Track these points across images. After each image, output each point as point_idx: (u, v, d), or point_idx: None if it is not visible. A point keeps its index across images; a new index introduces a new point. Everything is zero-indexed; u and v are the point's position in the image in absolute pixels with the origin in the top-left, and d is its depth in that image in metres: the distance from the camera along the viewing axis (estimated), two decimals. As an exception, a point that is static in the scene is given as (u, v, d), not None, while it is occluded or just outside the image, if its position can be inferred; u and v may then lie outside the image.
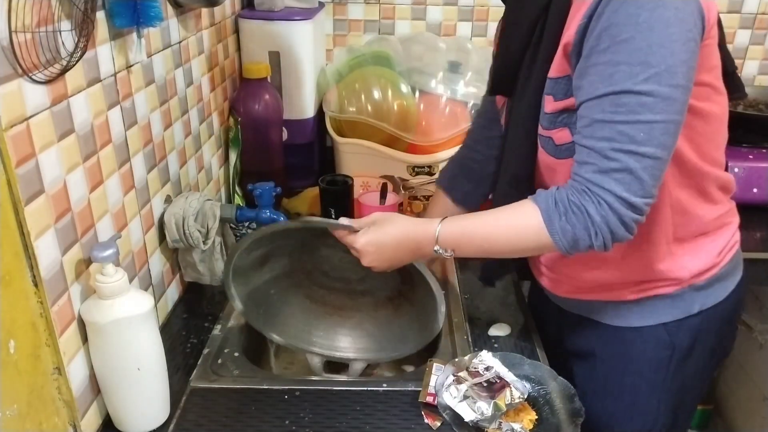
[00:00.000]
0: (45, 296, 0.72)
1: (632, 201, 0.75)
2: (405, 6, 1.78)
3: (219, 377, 0.97)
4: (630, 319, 0.95)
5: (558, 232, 0.79)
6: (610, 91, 0.73)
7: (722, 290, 0.95)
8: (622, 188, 0.75)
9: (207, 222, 1.09)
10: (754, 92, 1.73)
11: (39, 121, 0.70)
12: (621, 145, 0.74)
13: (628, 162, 0.74)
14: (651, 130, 0.73)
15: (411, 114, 1.54)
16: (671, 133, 0.74)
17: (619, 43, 0.72)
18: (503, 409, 0.85)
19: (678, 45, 0.71)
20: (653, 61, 0.71)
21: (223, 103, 1.42)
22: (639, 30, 0.71)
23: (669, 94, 0.72)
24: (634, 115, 0.72)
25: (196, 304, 1.16)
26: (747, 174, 1.45)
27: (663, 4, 0.71)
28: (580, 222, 0.78)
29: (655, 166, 0.75)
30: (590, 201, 0.77)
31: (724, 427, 1.88)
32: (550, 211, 0.80)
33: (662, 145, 0.74)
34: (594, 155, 0.76)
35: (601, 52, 0.73)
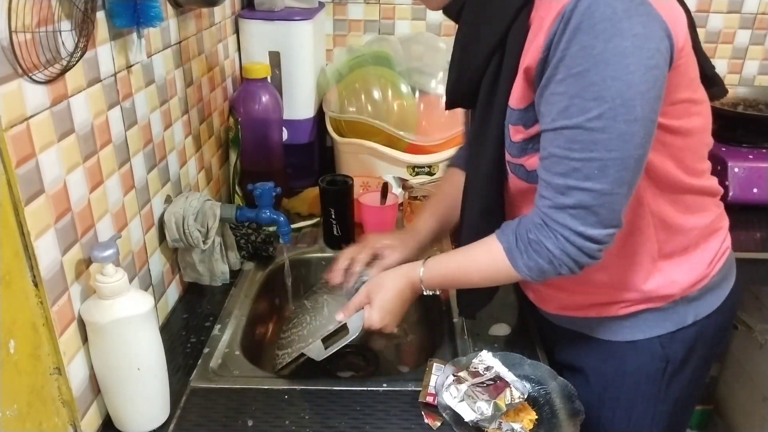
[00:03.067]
0: (45, 296, 0.72)
1: (589, 234, 0.76)
2: (405, 6, 1.77)
3: (219, 377, 0.97)
4: (622, 333, 0.94)
5: (523, 269, 0.81)
6: (563, 125, 0.72)
7: (715, 299, 0.93)
8: (577, 223, 0.75)
9: (207, 222, 1.09)
10: (754, 92, 1.73)
11: (39, 121, 0.70)
12: (575, 182, 0.73)
13: (582, 198, 0.74)
14: (605, 167, 0.71)
15: (411, 114, 1.54)
16: (629, 168, 0.73)
17: (574, 75, 0.69)
18: (503, 409, 0.85)
19: (636, 76, 0.68)
20: (607, 96, 0.68)
21: (223, 103, 1.42)
22: (594, 63, 0.68)
23: (625, 130, 0.70)
24: (588, 153, 0.71)
25: (196, 304, 1.16)
26: (747, 174, 1.45)
27: (619, 33, 0.67)
28: (541, 257, 0.79)
29: (613, 200, 0.74)
30: (548, 236, 0.78)
31: (724, 427, 1.88)
32: (512, 249, 0.82)
33: (618, 181, 0.73)
34: (550, 190, 0.76)
35: (557, 83, 0.71)
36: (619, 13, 0.67)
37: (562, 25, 0.69)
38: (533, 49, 0.74)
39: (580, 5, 0.68)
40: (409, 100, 1.54)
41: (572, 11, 0.68)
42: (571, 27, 0.68)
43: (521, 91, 0.79)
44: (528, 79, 0.77)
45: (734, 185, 1.45)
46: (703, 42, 0.85)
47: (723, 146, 1.48)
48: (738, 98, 1.70)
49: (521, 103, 0.79)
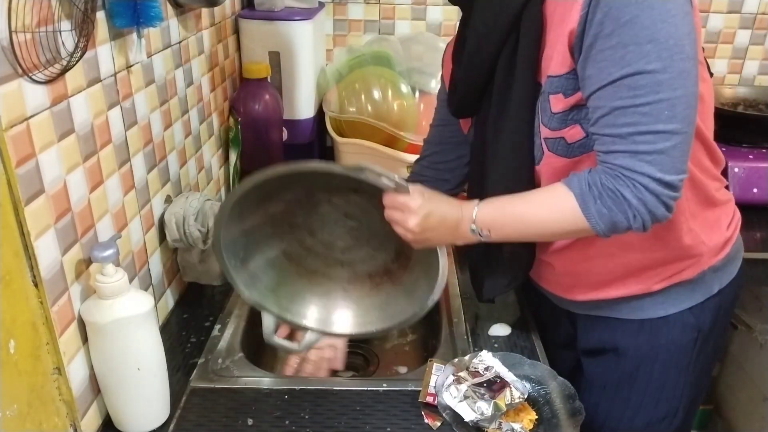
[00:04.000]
0: (45, 296, 0.72)
1: (667, 180, 0.75)
2: (405, 6, 1.78)
3: (219, 377, 0.97)
4: (654, 310, 0.95)
5: (594, 216, 0.79)
6: (624, 74, 0.73)
7: (734, 266, 0.98)
8: (655, 169, 0.75)
9: (207, 222, 1.09)
10: (754, 92, 1.73)
11: (39, 121, 0.70)
12: (647, 127, 0.73)
13: (657, 142, 0.74)
14: (673, 106, 0.72)
15: (411, 114, 1.54)
16: (692, 106, 0.74)
17: (624, 24, 0.71)
18: (503, 409, 0.85)
19: (678, 19, 0.72)
20: (661, 38, 0.71)
21: (223, 103, 1.42)
22: (641, 8, 0.71)
23: (683, 67, 0.72)
24: (654, 95, 0.72)
25: (196, 304, 1.16)
26: (747, 174, 1.45)
27: None
28: (617, 206, 0.77)
29: (684, 141, 0.75)
30: (625, 185, 0.76)
31: (724, 427, 1.88)
32: (584, 195, 0.79)
33: (686, 119, 0.74)
34: (620, 141, 0.75)
35: (606, 37, 0.72)
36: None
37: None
38: (573, 12, 0.75)
39: None
40: (409, 100, 1.54)
41: None
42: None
43: (561, 57, 0.79)
44: (570, 43, 0.77)
45: (734, 185, 1.45)
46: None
47: (723, 146, 1.48)
48: (738, 98, 1.70)
49: (562, 68, 0.79)
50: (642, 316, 0.96)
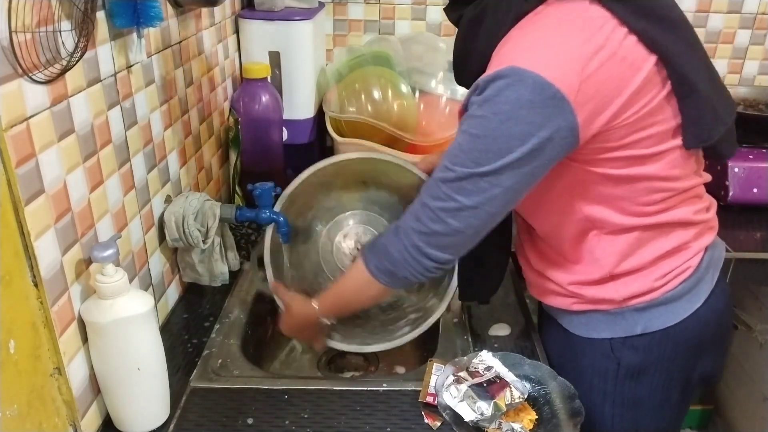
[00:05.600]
0: (45, 296, 0.72)
1: (426, 251, 0.85)
2: (405, 6, 1.78)
3: (219, 377, 0.97)
4: (579, 328, 0.97)
5: (374, 270, 0.90)
6: (447, 166, 0.81)
7: (670, 315, 0.91)
8: (420, 239, 0.85)
9: (207, 221, 1.09)
10: (754, 92, 1.73)
11: (39, 121, 0.70)
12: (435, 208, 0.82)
13: (434, 224, 0.83)
14: (460, 210, 0.81)
15: (411, 114, 1.54)
16: (480, 218, 0.82)
17: (470, 134, 0.79)
18: (503, 409, 0.85)
19: (515, 155, 0.76)
20: (484, 163, 0.77)
21: (223, 103, 1.42)
22: (485, 134, 0.77)
23: (486, 189, 0.79)
24: (453, 192, 0.80)
25: (196, 304, 1.16)
26: (747, 174, 1.45)
27: (515, 117, 0.74)
28: (387, 259, 0.88)
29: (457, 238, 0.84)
30: (394, 241, 0.87)
31: (724, 427, 1.88)
32: (366, 255, 0.92)
33: (467, 225, 0.82)
34: (418, 204, 0.85)
35: (460, 132, 0.81)
36: (523, 101, 0.74)
37: (479, 90, 0.77)
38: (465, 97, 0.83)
39: (495, 81, 0.75)
40: (409, 100, 1.54)
41: (487, 83, 0.76)
42: (484, 95, 0.77)
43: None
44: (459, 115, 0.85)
45: (734, 185, 1.45)
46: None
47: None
48: (738, 98, 1.70)
49: None
50: (572, 330, 0.98)
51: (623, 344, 0.93)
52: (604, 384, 0.95)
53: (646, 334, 0.91)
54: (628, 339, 0.92)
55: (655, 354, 0.92)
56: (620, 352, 0.93)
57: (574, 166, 0.83)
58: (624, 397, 0.95)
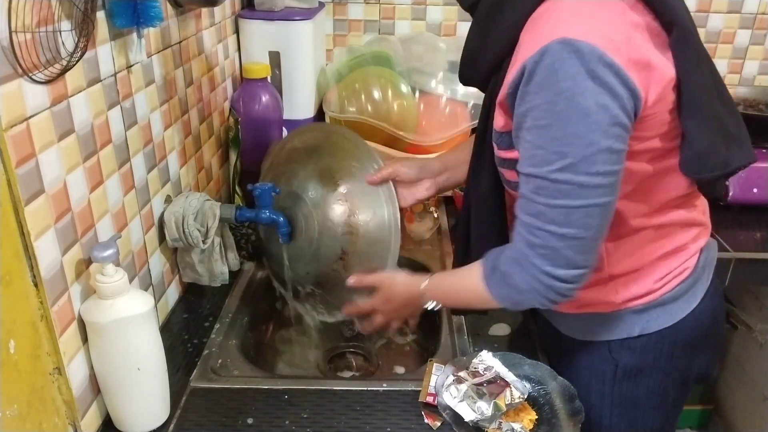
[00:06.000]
0: (45, 296, 0.72)
1: (556, 274, 0.77)
2: (405, 6, 1.78)
3: (219, 377, 0.97)
4: (575, 331, 0.97)
5: (497, 298, 0.84)
6: (530, 173, 0.75)
7: (668, 316, 0.91)
8: (545, 263, 0.77)
9: (207, 221, 1.09)
10: (754, 92, 1.73)
11: (39, 121, 0.70)
12: (542, 224, 0.76)
13: (549, 240, 0.76)
14: (569, 214, 0.74)
15: (411, 114, 1.54)
16: (594, 215, 0.74)
17: (540, 127, 0.72)
18: (503, 409, 0.85)
19: (597, 134, 0.70)
20: (569, 152, 0.71)
21: (223, 103, 1.42)
22: (557, 119, 0.70)
23: (587, 181, 0.72)
24: (552, 199, 0.74)
25: (196, 304, 1.16)
26: (747, 174, 1.45)
27: (582, 92, 0.69)
28: (512, 289, 0.82)
29: (580, 244, 0.76)
30: (518, 271, 0.80)
31: (724, 427, 1.88)
32: (488, 278, 0.85)
33: (584, 226, 0.75)
34: (522, 228, 0.79)
35: (526, 130, 0.74)
36: (583, 73, 0.68)
37: (526, 76, 0.71)
38: (505, 84, 0.77)
39: (544, 60, 0.69)
40: (409, 100, 1.54)
41: (536, 65, 0.70)
42: (536, 81, 0.70)
43: (498, 115, 0.81)
44: (503, 108, 0.79)
45: (734, 185, 1.45)
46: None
47: (723, 146, 1.48)
48: (738, 98, 1.70)
49: (498, 126, 0.82)
50: (568, 333, 0.98)
51: (621, 346, 0.93)
52: (602, 385, 0.95)
53: (644, 335, 0.91)
54: (626, 340, 0.92)
55: (653, 355, 0.92)
56: (618, 354, 0.93)
57: None
58: (622, 397, 0.95)
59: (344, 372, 1.18)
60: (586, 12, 0.71)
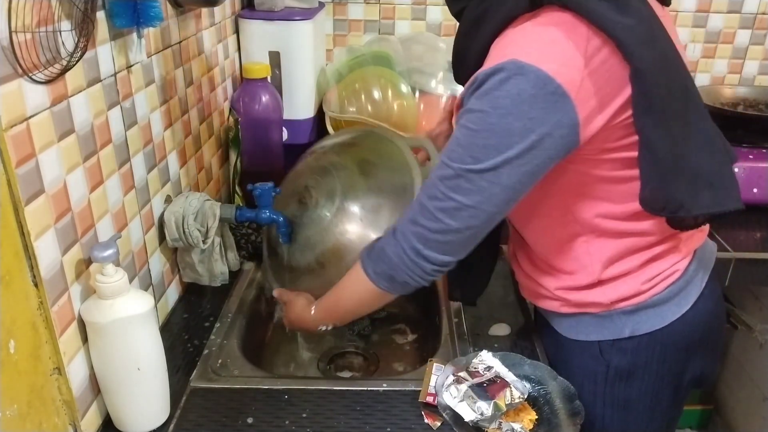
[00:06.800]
0: (45, 296, 0.72)
1: (424, 253, 0.83)
2: (405, 6, 1.78)
3: (219, 377, 0.97)
4: (569, 330, 0.97)
5: (372, 275, 0.89)
6: (446, 163, 0.80)
7: (658, 318, 0.91)
8: (417, 241, 0.83)
9: (207, 221, 1.09)
10: (754, 92, 1.73)
11: (39, 121, 0.70)
12: (433, 208, 0.81)
13: (432, 224, 0.81)
14: (459, 209, 0.79)
15: (411, 114, 1.54)
16: (479, 218, 0.80)
17: (468, 129, 0.77)
18: (503, 409, 0.85)
19: (514, 152, 0.74)
20: (483, 159, 0.76)
21: (223, 103, 1.42)
22: (483, 128, 0.75)
23: (486, 188, 0.77)
24: (451, 192, 0.79)
25: (196, 304, 1.16)
26: (747, 174, 1.45)
27: (515, 113, 0.73)
28: (384, 262, 0.87)
29: (457, 238, 0.82)
30: (391, 243, 0.86)
31: (724, 427, 1.88)
32: (364, 259, 0.90)
33: (466, 225, 0.80)
34: (416, 205, 0.84)
35: (458, 126, 0.79)
36: (524, 95, 0.72)
37: (476, 84, 0.76)
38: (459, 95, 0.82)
39: (496, 75, 0.74)
40: (409, 100, 1.54)
41: (486, 77, 0.74)
42: (483, 89, 0.75)
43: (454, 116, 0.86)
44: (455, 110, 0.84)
45: (734, 185, 1.45)
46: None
47: (723, 146, 1.48)
48: (738, 98, 1.70)
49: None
50: (562, 331, 0.98)
51: (612, 347, 0.93)
52: (594, 386, 0.95)
53: (635, 337, 0.91)
54: (617, 342, 0.92)
55: (644, 357, 0.92)
56: (609, 355, 0.93)
57: (570, 169, 0.82)
58: (614, 398, 0.95)
59: (344, 372, 1.18)
60: (547, 38, 0.75)
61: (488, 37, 0.81)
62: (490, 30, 0.81)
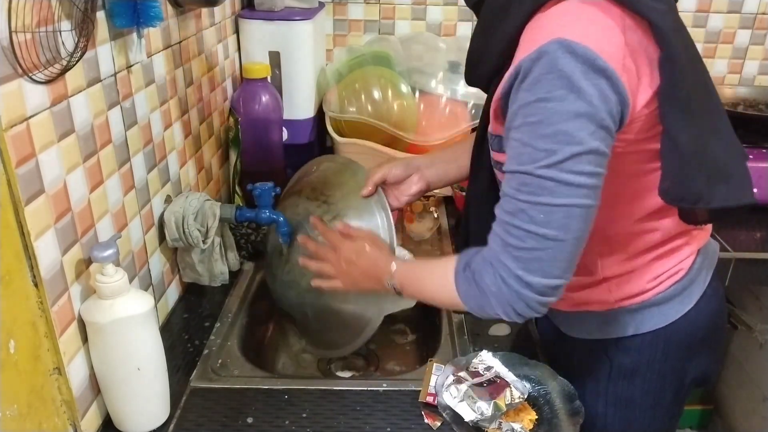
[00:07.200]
0: (45, 296, 0.72)
1: (527, 280, 0.74)
2: (405, 6, 1.78)
3: (219, 377, 0.97)
4: (572, 329, 0.97)
5: (463, 295, 0.81)
6: (516, 170, 0.73)
7: (662, 316, 0.90)
8: (518, 265, 0.74)
9: (207, 221, 1.09)
10: (754, 92, 1.73)
11: (39, 121, 0.70)
12: (521, 223, 0.73)
13: (526, 240, 0.73)
14: (550, 213, 0.72)
15: (411, 114, 1.54)
16: (574, 216, 0.72)
17: (530, 124, 0.71)
18: (503, 409, 0.85)
19: (584, 134, 0.70)
20: (558, 149, 0.70)
21: (223, 103, 1.42)
22: (547, 116, 0.70)
23: (572, 180, 0.71)
24: (534, 196, 0.72)
25: (196, 304, 1.16)
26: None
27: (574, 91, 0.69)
28: (479, 291, 0.79)
29: (558, 248, 0.73)
30: (488, 272, 0.77)
31: (724, 427, 1.88)
32: (458, 275, 0.82)
33: (564, 228, 0.72)
34: (499, 227, 0.77)
35: (515, 129, 0.73)
36: (577, 73, 0.68)
37: (522, 74, 0.71)
38: (500, 86, 0.76)
39: (541, 59, 0.69)
40: (409, 100, 1.54)
41: (532, 63, 0.70)
42: (531, 78, 0.70)
43: (492, 119, 0.82)
44: (496, 111, 0.79)
45: (734, 185, 1.45)
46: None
47: (723, 146, 1.48)
48: (738, 98, 1.70)
49: (493, 129, 0.82)
50: (563, 329, 0.98)
51: (615, 345, 0.93)
52: (597, 384, 0.95)
53: (638, 335, 0.91)
54: (621, 340, 0.92)
55: (647, 355, 0.92)
56: (612, 353, 0.93)
57: None
58: (616, 396, 0.95)
59: (344, 372, 1.18)
60: (585, 17, 0.72)
61: (515, 29, 0.77)
62: (519, 20, 0.77)
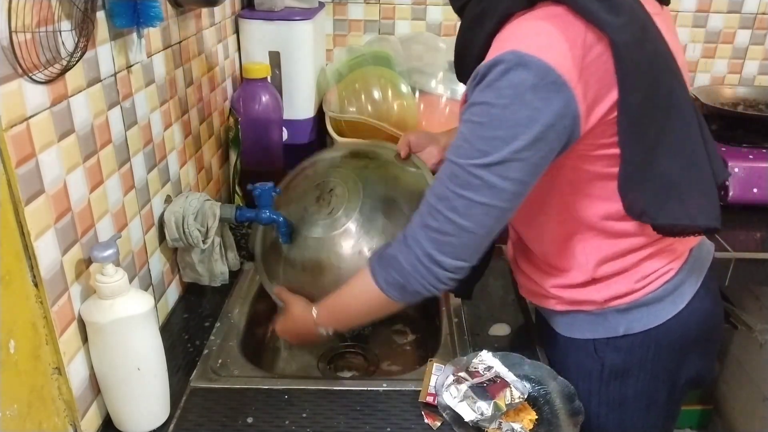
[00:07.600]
0: (45, 296, 0.72)
1: (438, 259, 0.80)
2: (405, 6, 1.78)
3: (219, 377, 0.97)
4: (564, 328, 0.97)
5: (383, 285, 0.85)
6: (452, 160, 0.78)
7: (652, 316, 0.91)
8: (431, 245, 0.80)
9: (207, 221, 1.09)
10: (754, 92, 1.73)
11: (39, 121, 0.70)
12: (443, 209, 0.79)
13: (444, 226, 0.79)
14: (470, 207, 0.77)
15: (411, 114, 1.54)
16: (492, 216, 0.78)
17: (473, 123, 0.76)
18: (503, 409, 0.85)
19: (521, 143, 0.73)
20: (491, 152, 0.74)
21: (223, 103, 1.42)
22: (489, 120, 0.74)
23: (496, 183, 0.75)
24: (461, 189, 0.77)
25: (196, 304, 1.16)
26: (747, 174, 1.45)
27: (519, 102, 0.72)
28: (395, 270, 0.83)
29: (471, 239, 0.79)
30: (403, 250, 0.83)
31: (724, 427, 1.88)
32: (374, 267, 0.86)
33: (479, 223, 0.78)
34: (424, 208, 0.81)
35: (463, 122, 0.78)
36: (526, 85, 0.72)
37: (478, 78, 0.75)
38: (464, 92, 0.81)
39: (497, 66, 0.73)
40: (409, 100, 1.54)
41: (487, 69, 0.74)
42: (485, 81, 0.74)
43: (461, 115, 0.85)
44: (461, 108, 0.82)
45: (734, 185, 1.45)
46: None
47: (723, 146, 1.48)
48: (738, 98, 1.70)
49: None
50: (557, 329, 0.99)
51: (606, 345, 0.93)
52: (589, 384, 0.95)
53: (629, 335, 0.91)
54: (611, 340, 0.92)
55: (638, 355, 0.92)
56: (603, 353, 0.93)
57: (567, 165, 0.82)
58: (609, 397, 0.95)
59: (344, 372, 1.18)
60: (545, 31, 0.74)
61: (488, 34, 0.81)
62: (490, 26, 0.81)
